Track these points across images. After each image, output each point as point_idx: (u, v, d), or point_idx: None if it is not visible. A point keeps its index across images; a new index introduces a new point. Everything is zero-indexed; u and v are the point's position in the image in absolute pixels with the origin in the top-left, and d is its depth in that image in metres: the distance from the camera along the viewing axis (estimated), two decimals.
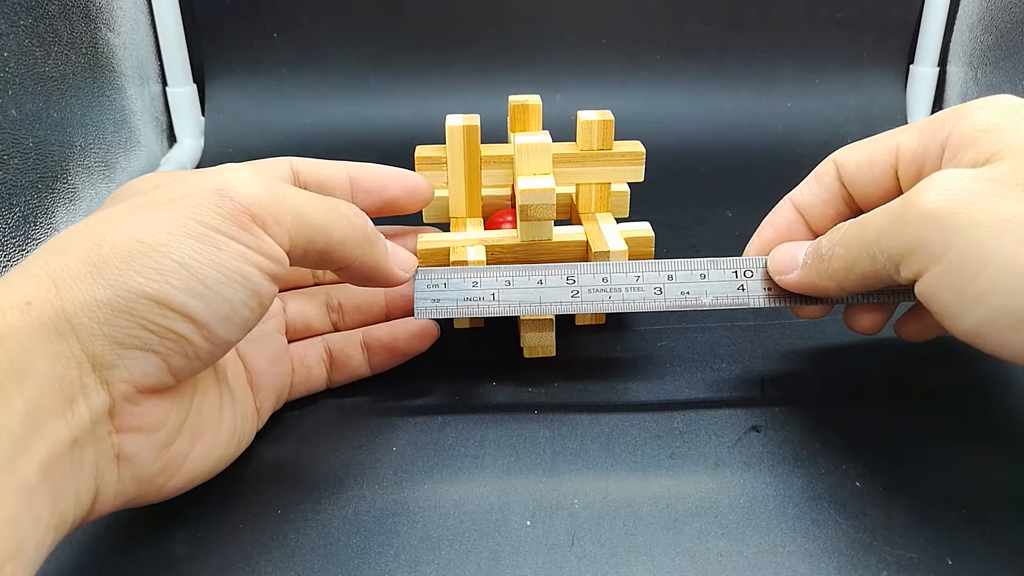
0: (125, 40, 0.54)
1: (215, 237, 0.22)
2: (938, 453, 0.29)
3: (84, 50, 0.49)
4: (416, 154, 0.35)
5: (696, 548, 0.25)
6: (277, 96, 0.61)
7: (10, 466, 0.18)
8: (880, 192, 0.29)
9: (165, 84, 0.60)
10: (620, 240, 0.34)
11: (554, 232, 0.34)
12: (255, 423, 0.29)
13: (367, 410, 0.32)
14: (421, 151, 0.35)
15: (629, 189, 0.38)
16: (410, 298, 0.33)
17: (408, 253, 0.30)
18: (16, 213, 0.40)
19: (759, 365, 0.34)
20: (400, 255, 0.29)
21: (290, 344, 0.32)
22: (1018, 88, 0.53)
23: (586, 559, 0.25)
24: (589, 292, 0.30)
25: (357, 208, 0.27)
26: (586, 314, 0.37)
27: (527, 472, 0.28)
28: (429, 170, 0.35)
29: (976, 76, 0.58)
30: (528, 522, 0.26)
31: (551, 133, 0.34)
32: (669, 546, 0.25)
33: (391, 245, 0.29)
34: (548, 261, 0.33)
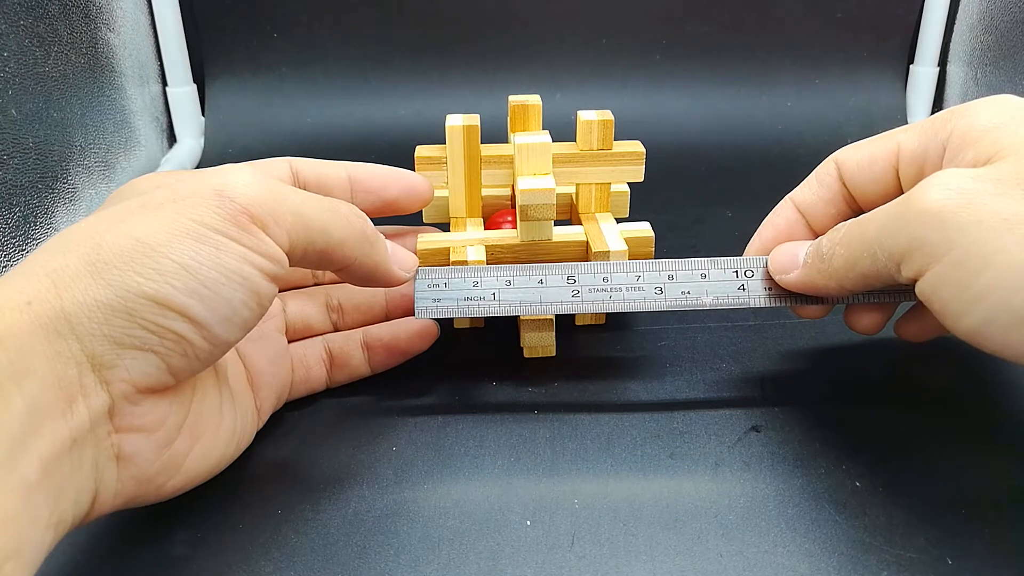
0: (125, 40, 0.54)
1: (215, 238, 0.22)
2: (938, 453, 0.29)
3: (84, 50, 0.49)
4: (416, 154, 0.35)
5: (696, 548, 0.25)
6: (277, 96, 0.61)
7: (10, 465, 0.18)
8: (881, 191, 0.29)
9: (165, 84, 0.60)
10: (620, 240, 0.34)
11: (554, 232, 0.34)
12: (255, 423, 0.29)
13: (367, 410, 0.32)
14: (421, 151, 0.35)
15: (629, 189, 0.38)
16: (410, 298, 0.33)
17: (409, 253, 0.30)
18: (16, 213, 0.40)
19: (759, 365, 0.34)
20: (400, 255, 0.29)
21: (290, 344, 0.32)
22: (1018, 88, 0.53)
23: (586, 559, 0.25)
24: (590, 292, 0.30)
25: (357, 208, 0.27)
26: (586, 314, 0.37)
27: (527, 472, 0.28)
28: (429, 170, 0.35)
29: (976, 76, 0.58)
30: (528, 522, 0.26)
31: (551, 133, 0.34)
32: (669, 546, 0.25)
33: (391, 245, 0.29)
34: (548, 261, 0.33)
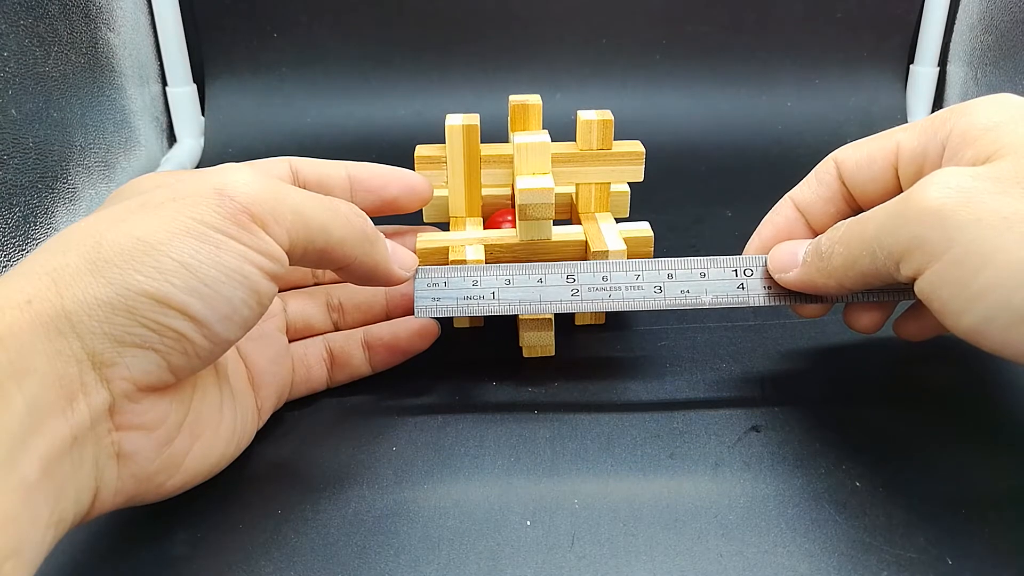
0: (125, 40, 0.54)
1: (215, 236, 0.22)
2: (938, 453, 0.29)
3: (84, 50, 0.49)
4: (416, 153, 0.35)
5: (696, 548, 0.25)
6: (277, 96, 0.61)
7: (10, 464, 0.18)
8: (880, 190, 0.29)
9: (165, 84, 0.60)
10: (619, 240, 0.34)
11: (553, 232, 0.34)
12: (256, 422, 0.29)
13: (367, 410, 0.32)
14: (421, 150, 0.35)
15: (629, 189, 0.38)
16: (410, 297, 0.33)
17: (409, 252, 0.30)
18: (16, 213, 0.40)
19: (759, 365, 0.34)
20: (401, 254, 0.29)
21: (291, 343, 0.32)
22: (1018, 88, 0.53)
23: (586, 559, 0.25)
24: (589, 291, 0.30)
25: (357, 208, 0.27)
26: (586, 313, 0.37)
27: (527, 472, 0.28)
28: (429, 169, 0.35)
29: (976, 76, 0.58)
30: (528, 522, 0.26)
31: (551, 133, 0.34)
32: (669, 546, 0.25)
33: (391, 244, 0.29)
34: (547, 261, 0.33)
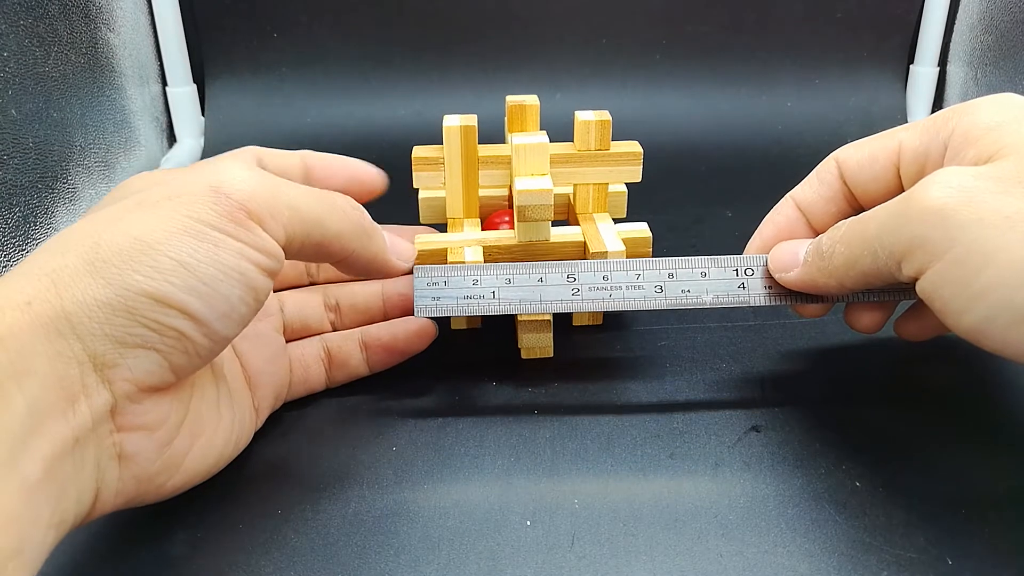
0: (125, 40, 0.54)
1: (212, 234, 0.22)
2: (938, 453, 0.29)
3: (84, 50, 0.49)
4: (413, 154, 0.35)
5: (696, 548, 0.25)
6: (277, 96, 0.61)
7: (11, 465, 0.18)
8: (882, 190, 0.29)
9: (165, 84, 0.60)
10: (617, 240, 0.34)
11: (551, 233, 0.34)
12: (253, 422, 0.29)
13: (367, 410, 0.32)
14: (418, 152, 0.35)
15: (626, 189, 0.38)
16: (408, 298, 0.33)
17: (407, 244, 0.30)
18: (16, 213, 0.40)
19: (759, 365, 0.34)
20: (399, 246, 0.29)
21: (288, 343, 0.32)
22: (1018, 88, 0.53)
23: (586, 559, 0.25)
24: (589, 290, 0.30)
25: (353, 200, 0.27)
26: (584, 313, 0.37)
27: (527, 472, 0.28)
28: (427, 171, 0.35)
29: (976, 76, 0.58)
30: (528, 522, 0.26)
31: (550, 133, 0.34)
32: (669, 546, 0.25)
33: (389, 236, 0.29)
34: (546, 262, 0.33)
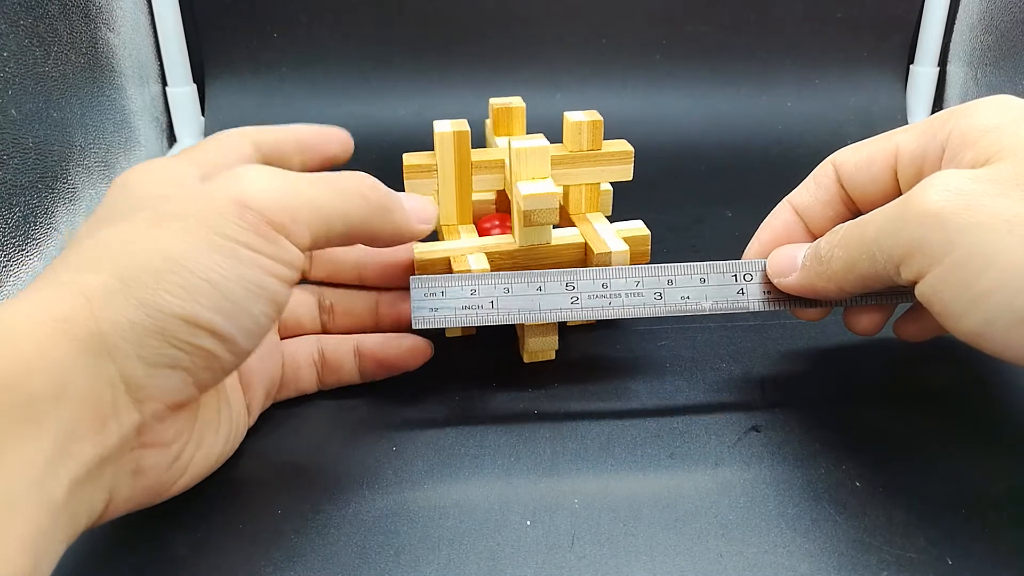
0: (125, 40, 0.54)
1: (239, 251, 0.22)
2: (938, 453, 0.29)
3: (84, 50, 0.49)
4: (405, 162, 0.34)
5: (696, 548, 0.25)
6: (277, 96, 0.61)
7: (41, 487, 0.18)
8: (879, 193, 0.29)
9: (165, 84, 0.60)
10: (619, 240, 0.34)
11: (552, 235, 0.34)
12: (246, 421, 0.29)
13: (367, 410, 0.32)
14: (409, 159, 0.34)
15: (612, 188, 0.37)
16: (400, 312, 0.33)
17: (427, 203, 0.29)
18: (16, 213, 0.40)
19: (759, 365, 0.34)
20: (420, 210, 0.28)
21: (282, 341, 0.32)
22: (1018, 88, 0.53)
23: (586, 559, 0.25)
24: (589, 298, 0.30)
25: (369, 179, 0.27)
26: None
27: (527, 472, 0.28)
28: (420, 178, 0.34)
29: (976, 76, 0.58)
30: (528, 522, 0.26)
31: (548, 134, 0.34)
32: (669, 546, 0.25)
33: (407, 199, 0.28)
34: (548, 265, 0.33)
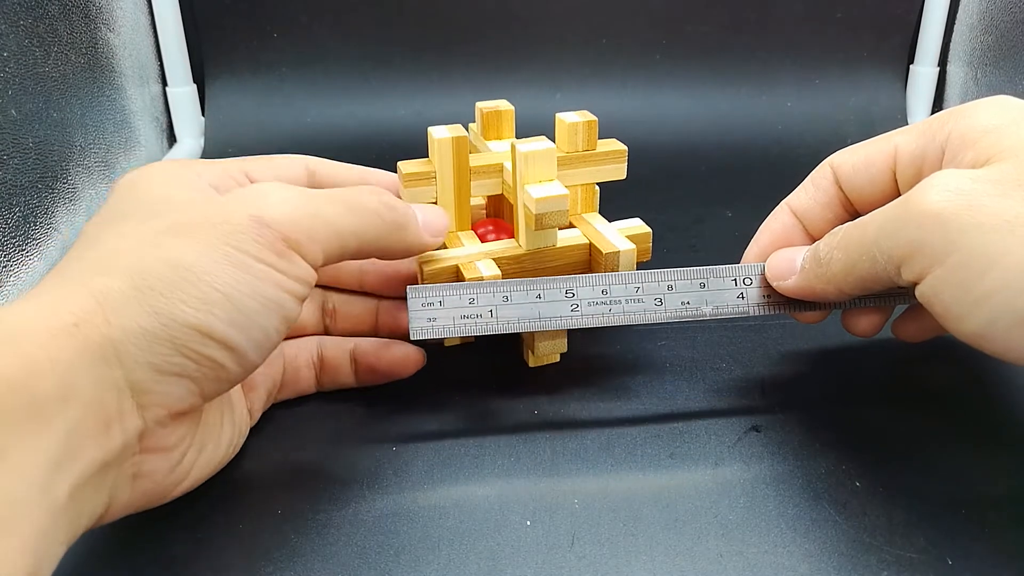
0: (125, 40, 0.54)
1: (255, 266, 0.23)
2: (938, 453, 0.29)
3: (84, 50, 0.49)
4: (403, 171, 0.33)
5: (696, 548, 0.25)
6: (277, 96, 0.61)
7: (44, 489, 0.18)
8: (878, 194, 0.29)
9: (165, 84, 0.60)
10: (624, 239, 0.33)
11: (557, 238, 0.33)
12: (248, 423, 0.29)
13: (367, 411, 0.32)
14: (407, 168, 0.33)
15: (600, 188, 0.37)
16: (398, 320, 0.33)
17: (439, 215, 0.29)
18: (16, 213, 0.40)
19: (759, 365, 0.34)
20: (432, 223, 0.29)
21: (283, 341, 0.32)
22: (1018, 88, 0.53)
23: (586, 559, 0.25)
24: (589, 305, 0.30)
25: (384, 194, 0.27)
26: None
27: (527, 472, 0.28)
28: (418, 186, 0.33)
29: (976, 76, 0.58)
30: (528, 522, 0.26)
31: (537, 135, 0.33)
32: (669, 546, 0.25)
33: (420, 212, 0.29)
34: (554, 267, 0.33)
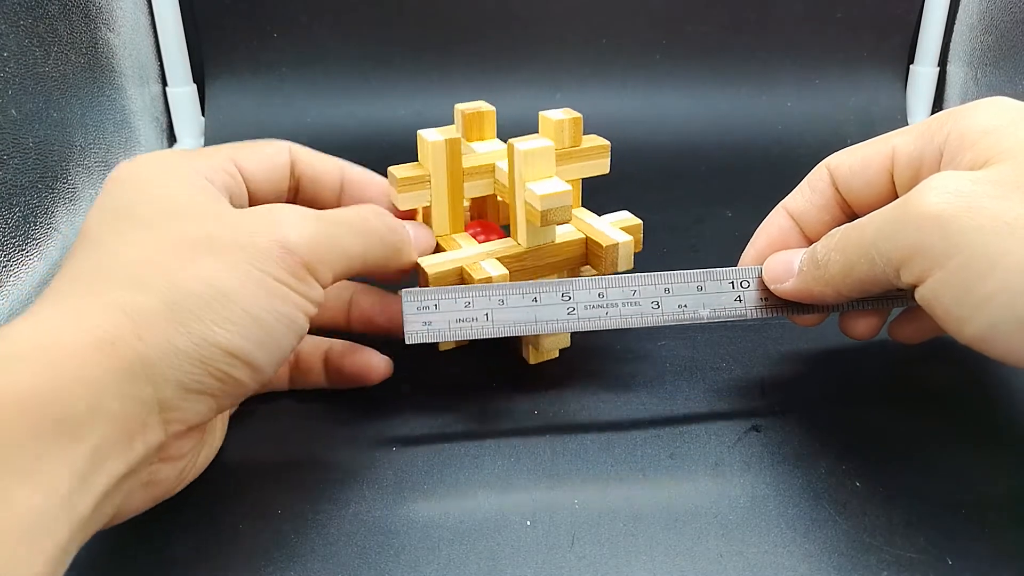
0: (125, 40, 0.54)
1: (280, 289, 0.24)
2: (938, 453, 0.29)
3: (84, 50, 0.49)
4: (397, 176, 0.32)
5: (696, 548, 0.25)
6: (277, 96, 0.61)
7: (70, 505, 0.19)
8: (875, 196, 0.29)
9: (165, 84, 0.60)
10: (620, 232, 0.33)
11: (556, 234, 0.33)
12: (228, 412, 0.30)
13: (366, 410, 0.32)
14: (400, 172, 0.32)
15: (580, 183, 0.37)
16: (370, 312, 0.33)
17: (427, 233, 0.31)
18: (16, 213, 0.40)
19: (759, 365, 0.34)
20: (421, 241, 0.31)
21: None
22: (1018, 88, 0.53)
23: (586, 559, 0.25)
24: (585, 308, 0.29)
25: (386, 215, 0.29)
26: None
27: (527, 472, 0.28)
28: (413, 190, 0.32)
29: (976, 76, 0.58)
30: (528, 522, 0.26)
31: (517, 135, 0.33)
32: (669, 546, 0.25)
33: (412, 231, 0.30)
34: (554, 263, 0.33)
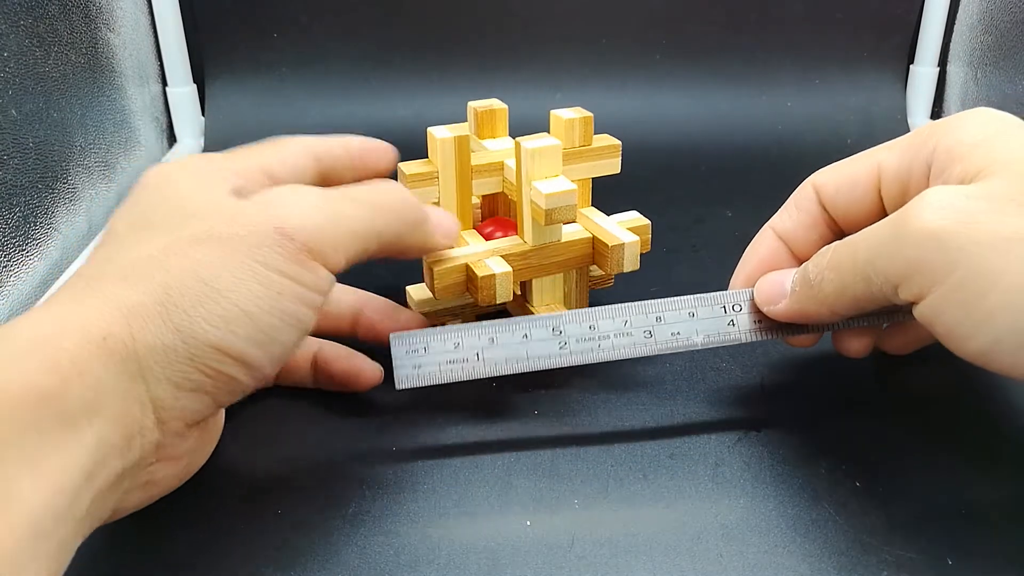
0: (125, 40, 0.54)
1: (278, 281, 0.23)
2: (938, 453, 0.29)
3: (84, 50, 0.49)
4: (407, 173, 0.33)
5: (696, 548, 0.25)
6: (277, 96, 0.61)
7: (74, 501, 0.19)
8: (863, 213, 0.28)
9: (165, 84, 0.60)
10: (627, 231, 0.33)
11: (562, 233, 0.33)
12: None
13: (366, 410, 0.32)
14: (409, 168, 0.33)
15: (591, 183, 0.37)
16: (377, 327, 0.32)
17: (450, 218, 0.30)
18: (16, 213, 0.40)
19: (759, 365, 0.34)
20: (443, 225, 0.29)
21: None
22: (1018, 88, 0.53)
23: (586, 559, 0.25)
24: (577, 342, 0.29)
25: (402, 192, 0.27)
26: (578, 304, 0.36)
27: (527, 472, 0.28)
28: (422, 187, 0.33)
29: (976, 76, 0.58)
30: (528, 522, 0.26)
31: (530, 133, 0.33)
32: (669, 546, 0.25)
33: (432, 213, 0.29)
34: (560, 261, 0.33)
